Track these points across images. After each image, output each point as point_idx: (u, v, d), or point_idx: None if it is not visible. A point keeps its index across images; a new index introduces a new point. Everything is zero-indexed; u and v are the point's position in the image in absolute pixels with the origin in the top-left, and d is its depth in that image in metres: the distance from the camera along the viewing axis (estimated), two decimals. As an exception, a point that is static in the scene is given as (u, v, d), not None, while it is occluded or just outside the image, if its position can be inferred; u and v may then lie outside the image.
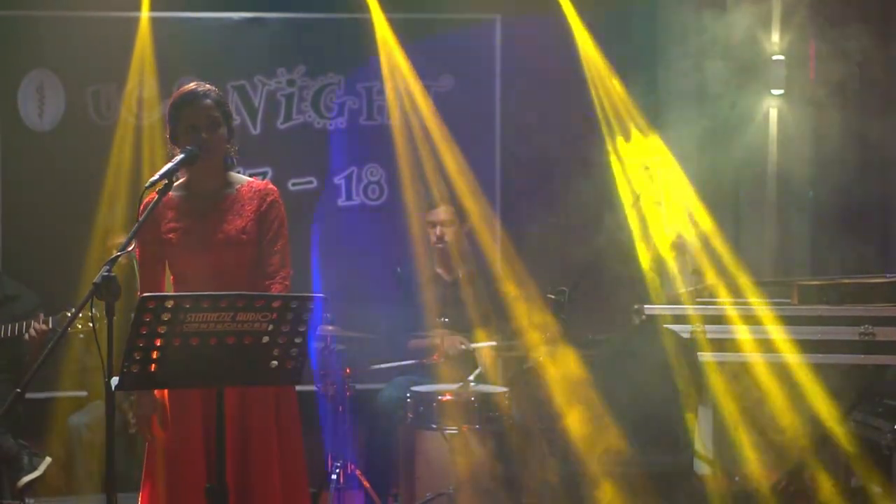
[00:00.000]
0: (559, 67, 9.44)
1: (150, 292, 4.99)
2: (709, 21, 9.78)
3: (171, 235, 5.43)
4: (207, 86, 5.54)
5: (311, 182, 9.67)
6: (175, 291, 5.46)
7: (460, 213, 8.84)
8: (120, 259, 4.77)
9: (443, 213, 8.71)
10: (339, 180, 9.71)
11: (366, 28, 9.38)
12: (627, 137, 9.30)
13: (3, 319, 7.99)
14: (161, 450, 5.41)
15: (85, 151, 9.26)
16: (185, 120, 5.46)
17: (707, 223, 9.08)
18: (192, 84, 5.55)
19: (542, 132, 9.60)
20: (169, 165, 5.21)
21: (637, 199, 8.94)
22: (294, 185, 9.63)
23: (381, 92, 9.63)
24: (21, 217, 9.30)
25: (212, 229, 5.48)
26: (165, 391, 5.39)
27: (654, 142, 9.17)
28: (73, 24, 9.34)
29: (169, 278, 5.57)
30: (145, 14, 9.09)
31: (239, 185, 5.60)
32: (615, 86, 9.33)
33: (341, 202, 9.73)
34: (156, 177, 5.17)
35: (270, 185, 5.68)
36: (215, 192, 5.55)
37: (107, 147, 9.23)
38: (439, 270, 8.69)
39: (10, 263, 9.09)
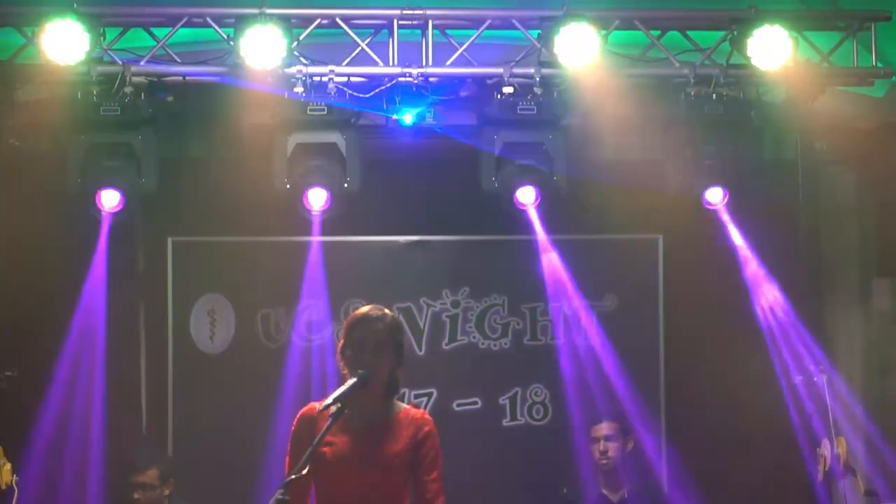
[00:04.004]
0: (723, 287, 9.41)
1: None
2: (871, 239, 9.78)
3: (325, 449, 5.46)
4: (385, 310, 5.64)
5: (475, 402, 9.70)
6: None
7: (625, 430, 8.79)
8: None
9: (606, 428, 8.67)
10: (503, 401, 9.72)
11: (529, 249, 9.47)
12: (794, 355, 9.23)
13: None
14: None
15: (255, 374, 9.42)
16: (353, 338, 5.54)
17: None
18: (370, 306, 5.66)
19: (708, 351, 9.53)
20: (342, 389, 5.31)
21: (806, 417, 8.84)
22: (459, 405, 9.66)
23: (545, 312, 9.69)
24: (192, 439, 9.44)
25: (367, 451, 5.51)
26: None
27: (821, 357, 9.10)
28: (244, 249, 9.61)
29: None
30: (315, 238, 9.29)
31: (397, 411, 5.64)
32: (784, 310, 9.28)
33: (506, 422, 9.71)
34: (329, 400, 5.28)
35: (427, 416, 5.70)
36: (373, 415, 5.59)
37: (276, 369, 9.37)
38: (605, 491, 8.60)
39: (184, 485, 9.19)
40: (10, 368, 8.57)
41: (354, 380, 5.37)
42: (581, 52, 8.32)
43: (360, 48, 8.55)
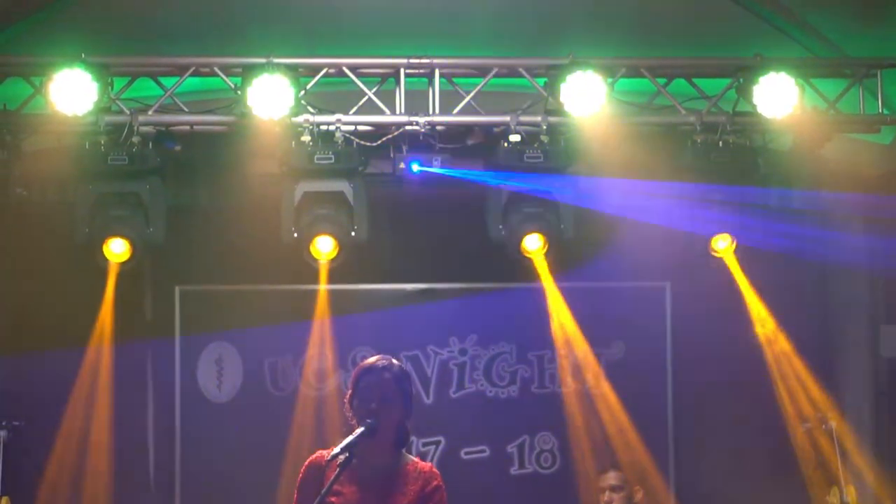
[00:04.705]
0: (731, 334, 9.40)
1: None
2: (878, 286, 9.77)
3: (332, 499, 5.44)
4: (393, 360, 5.62)
5: (483, 451, 9.68)
6: None
7: (632, 480, 8.77)
8: None
9: (612, 478, 8.65)
10: (511, 449, 9.69)
11: (537, 297, 9.47)
12: (802, 403, 9.21)
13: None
14: None
15: (262, 422, 9.41)
16: (361, 388, 5.52)
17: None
18: (377, 356, 5.65)
19: (716, 398, 9.52)
20: (350, 439, 5.27)
21: (815, 464, 8.82)
22: (467, 453, 9.64)
23: (553, 360, 9.69)
24: (200, 488, 9.42)
25: (374, 502, 5.51)
26: None
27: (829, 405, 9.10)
28: (251, 298, 9.62)
29: None
30: (323, 287, 9.29)
31: (405, 463, 5.61)
32: (792, 358, 9.28)
33: (514, 471, 9.69)
34: (337, 449, 5.24)
35: (435, 470, 5.67)
36: (382, 466, 5.56)
37: (283, 417, 9.36)
38: (612, 541, 8.58)
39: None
40: (17, 418, 8.56)
41: (362, 429, 5.35)
42: (587, 100, 8.34)
43: (366, 97, 8.58)
